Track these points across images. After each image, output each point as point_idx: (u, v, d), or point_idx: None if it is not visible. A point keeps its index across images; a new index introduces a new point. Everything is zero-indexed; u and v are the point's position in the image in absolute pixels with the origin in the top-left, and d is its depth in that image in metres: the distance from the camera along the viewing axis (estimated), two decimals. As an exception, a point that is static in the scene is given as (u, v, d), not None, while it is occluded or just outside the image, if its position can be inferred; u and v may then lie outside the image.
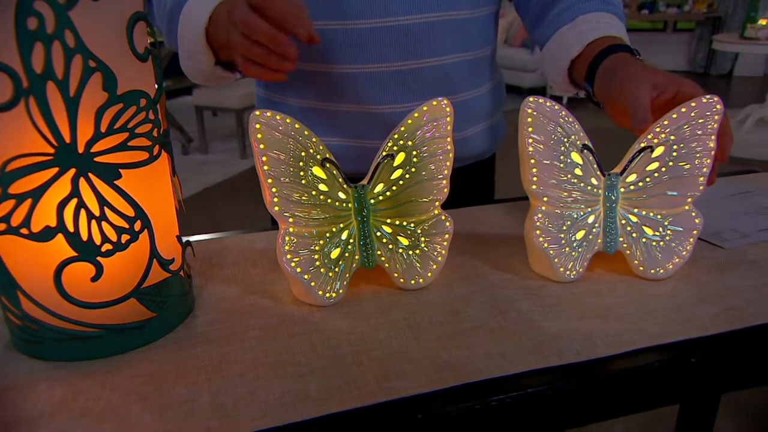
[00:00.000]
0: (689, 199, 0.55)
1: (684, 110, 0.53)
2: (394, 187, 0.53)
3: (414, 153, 0.53)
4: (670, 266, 0.55)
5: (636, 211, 0.55)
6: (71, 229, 0.41)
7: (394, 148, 0.52)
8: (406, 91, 0.72)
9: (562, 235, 0.54)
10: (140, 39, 0.43)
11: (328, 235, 0.52)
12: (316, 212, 0.51)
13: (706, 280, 0.55)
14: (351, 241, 0.53)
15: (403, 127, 0.52)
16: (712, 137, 0.53)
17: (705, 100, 0.53)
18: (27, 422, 0.38)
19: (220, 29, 0.61)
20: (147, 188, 0.45)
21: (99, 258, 0.42)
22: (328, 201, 0.51)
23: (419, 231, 0.54)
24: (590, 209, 0.55)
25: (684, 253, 0.55)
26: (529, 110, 0.52)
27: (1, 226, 0.39)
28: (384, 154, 0.52)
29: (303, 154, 0.49)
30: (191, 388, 0.41)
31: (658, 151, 0.54)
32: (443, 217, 0.55)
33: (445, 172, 0.54)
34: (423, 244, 0.54)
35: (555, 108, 0.52)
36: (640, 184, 0.55)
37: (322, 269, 0.51)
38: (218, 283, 0.57)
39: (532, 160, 0.53)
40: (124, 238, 0.43)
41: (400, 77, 0.71)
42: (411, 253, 0.54)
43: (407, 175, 0.53)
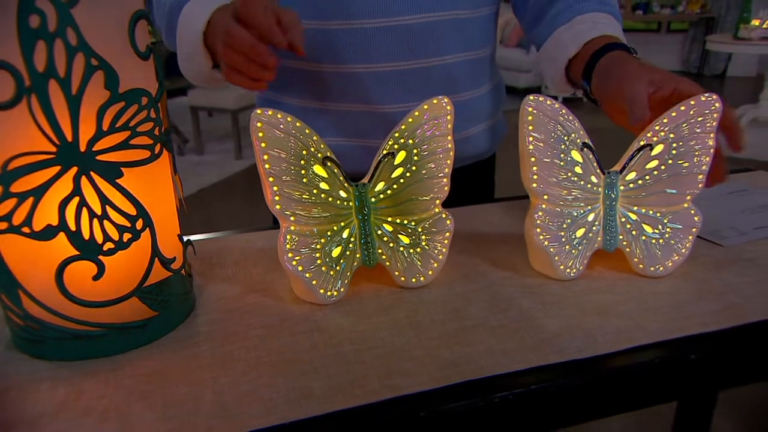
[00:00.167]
0: (688, 197, 0.55)
1: (683, 108, 0.53)
2: (395, 186, 0.53)
3: (415, 151, 0.53)
4: (670, 264, 0.55)
5: (635, 209, 0.56)
6: (73, 227, 0.41)
7: (395, 147, 0.53)
8: (408, 91, 0.72)
9: (563, 233, 0.54)
10: (142, 37, 0.43)
11: (329, 233, 0.52)
12: (317, 211, 0.51)
13: (705, 278, 0.55)
14: (352, 240, 0.53)
15: (404, 126, 0.52)
16: (711, 135, 0.54)
17: (704, 99, 0.53)
18: (29, 422, 0.38)
19: (216, 35, 0.61)
20: (148, 187, 0.45)
21: (101, 257, 0.42)
22: (329, 199, 0.51)
23: (420, 229, 0.54)
24: (590, 207, 0.55)
25: (683, 250, 0.55)
26: (529, 108, 0.52)
27: (2, 225, 0.39)
28: (385, 152, 0.52)
29: (304, 152, 0.49)
30: (194, 386, 0.41)
31: (658, 149, 0.54)
32: (444, 216, 0.55)
33: (446, 171, 0.54)
34: (424, 243, 0.54)
35: (555, 106, 0.53)
36: (640, 182, 0.55)
37: (324, 268, 0.51)
38: (219, 282, 0.57)
39: (532, 159, 0.53)
40: (126, 236, 0.43)
41: (403, 77, 0.71)
42: (412, 251, 0.54)
43: (408, 174, 0.53)
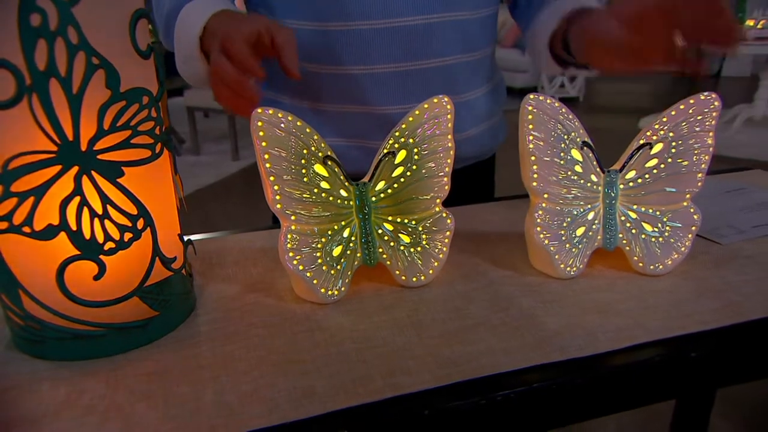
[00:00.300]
0: (687, 196, 0.55)
1: (682, 107, 0.54)
2: (396, 185, 0.53)
3: (415, 150, 0.53)
4: (669, 262, 0.55)
5: (635, 207, 0.56)
6: (74, 227, 0.40)
7: (396, 146, 0.53)
8: (408, 92, 0.72)
9: (563, 232, 0.54)
10: (142, 36, 0.42)
11: (329, 232, 0.52)
12: (317, 210, 0.51)
13: (704, 276, 0.55)
14: (353, 239, 0.53)
15: (404, 125, 0.52)
16: (710, 134, 0.54)
17: (703, 98, 0.53)
18: (31, 421, 0.38)
19: (211, 46, 0.61)
20: (149, 186, 0.45)
21: (102, 256, 0.42)
22: (330, 199, 0.51)
23: (420, 228, 0.54)
24: (590, 206, 0.55)
25: (683, 248, 0.55)
26: (529, 107, 0.52)
27: (2, 225, 0.39)
28: (385, 151, 0.52)
29: (305, 151, 0.49)
30: (195, 386, 0.41)
31: (657, 148, 0.54)
32: (444, 215, 0.55)
33: (446, 170, 0.54)
34: (424, 242, 0.54)
35: (555, 105, 0.53)
36: (639, 181, 0.55)
37: (324, 267, 0.51)
38: (219, 282, 0.57)
39: (532, 157, 0.53)
40: (127, 236, 0.43)
41: (403, 78, 0.71)
42: (412, 250, 0.54)
43: (408, 173, 0.53)
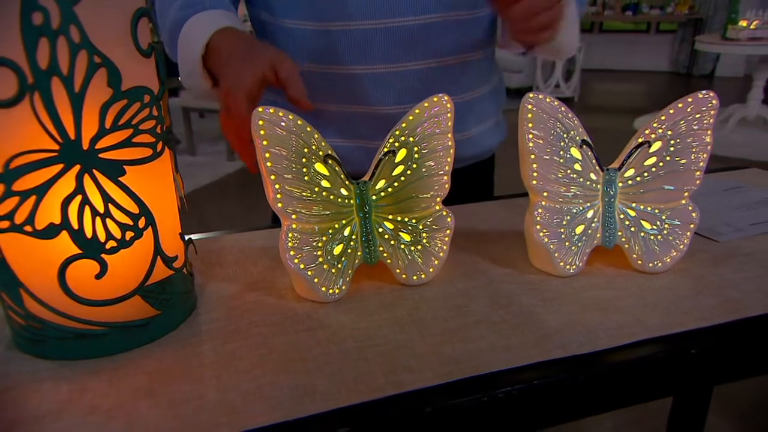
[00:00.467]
0: (686, 194, 0.56)
1: (681, 106, 0.54)
2: (396, 184, 0.53)
3: (415, 149, 0.53)
4: (668, 259, 0.56)
5: (634, 205, 0.56)
6: (76, 226, 0.40)
7: (396, 145, 0.53)
8: (407, 92, 0.72)
9: (562, 230, 0.55)
10: (144, 35, 0.42)
11: (330, 231, 0.52)
12: (318, 209, 0.51)
13: (702, 273, 0.56)
14: (353, 238, 0.53)
15: (405, 123, 0.53)
16: (708, 132, 0.54)
17: (701, 96, 0.54)
18: (33, 420, 0.38)
19: (217, 64, 0.62)
20: (150, 185, 0.45)
21: (103, 255, 0.42)
22: (331, 197, 0.51)
23: (421, 227, 0.54)
24: (589, 204, 0.55)
25: (681, 246, 0.56)
26: (529, 106, 0.53)
27: (4, 224, 0.39)
28: (385, 150, 0.53)
29: (305, 150, 0.49)
30: (198, 384, 0.41)
31: (656, 146, 0.55)
32: (444, 213, 0.55)
33: (446, 168, 0.54)
34: (425, 240, 0.55)
35: (554, 104, 0.53)
36: (638, 179, 0.56)
37: (325, 266, 0.51)
38: (219, 281, 0.57)
39: (532, 156, 0.53)
40: (129, 235, 0.43)
41: (402, 78, 0.71)
42: (413, 248, 0.54)
43: (409, 171, 0.53)
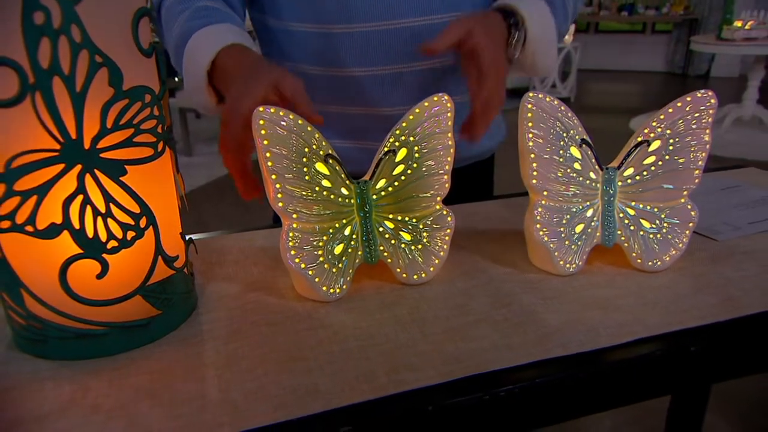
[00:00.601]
0: (685, 192, 0.56)
1: (679, 105, 0.54)
2: (396, 183, 0.53)
3: (416, 148, 0.53)
4: (667, 258, 0.56)
5: (633, 204, 0.56)
6: (77, 226, 0.40)
7: (396, 144, 0.53)
8: (409, 93, 0.72)
9: (562, 229, 0.55)
10: (145, 34, 0.42)
11: (331, 231, 0.52)
12: (318, 208, 0.51)
13: (701, 272, 0.56)
14: (354, 237, 0.53)
15: (405, 123, 0.53)
16: (707, 131, 0.55)
17: (699, 95, 0.54)
18: (35, 420, 0.38)
19: (222, 84, 0.61)
20: (151, 185, 0.45)
21: (104, 255, 0.42)
22: (331, 197, 0.51)
23: (421, 226, 0.55)
24: (589, 203, 0.56)
25: (680, 245, 0.56)
26: (529, 105, 0.53)
27: (5, 224, 0.39)
28: (386, 149, 0.53)
29: (306, 150, 0.49)
30: (200, 384, 0.41)
31: (655, 145, 0.55)
32: (444, 212, 0.55)
33: (446, 167, 0.54)
34: (425, 239, 0.55)
35: (554, 103, 0.53)
36: (638, 178, 0.56)
37: (326, 265, 0.51)
38: (220, 281, 0.57)
39: (532, 155, 0.53)
40: (130, 234, 0.43)
41: (404, 79, 0.71)
42: (413, 248, 0.54)
43: (409, 171, 0.53)
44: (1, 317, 0.48)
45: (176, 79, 3.57)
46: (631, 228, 0.56)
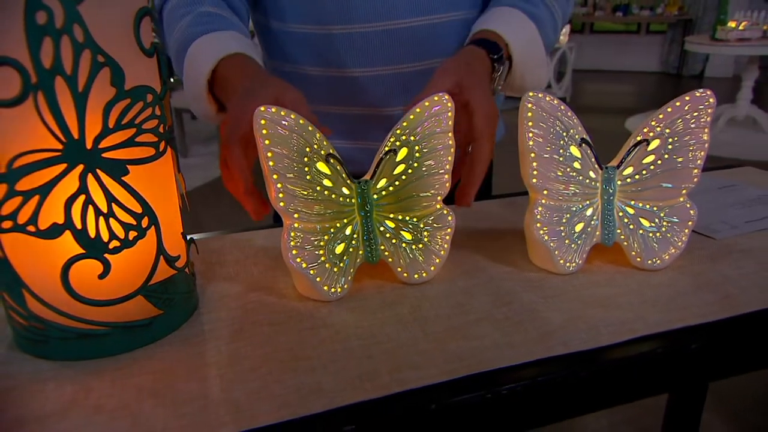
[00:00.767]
0: (684, 191, 0.56)
1: (678, 104, 0.54)
2: (397, 182, 0.53)
3: (416, 148, 0.53)
4: (667, 257, 0.56)
5: (633, 203, 0.57)
6: (79, 225, 0.40)
7: (397, 144, 0.53)
8: (409, 93, 0.72)
9: (562, 228, 0.55)
10: (147, 34, 0.42)
11: (332, 230, 0.52)
12: (319, 208, 0.51)
13: (700, 270, 0.56)
14: (355, 236, 0.53)
15: (405, 123, 0.53)
16: (705, 130, 0.55)
17: (698, 95, 0.54)
18: (37, 420, 0.38)
19: (222, 95, 0.60)
20: (153, 184, 0.44)
21: (106, 255, 0.42)
22: (332, 196, 0.51)
23: (422, 225, 0.55)
24: (588, 202, 0.56)
25: (680, 243, 0.56)
26: (528, 105, 0.53)
27: (7, 224, 0.39)
28: (386, 149, 0.53)
29: (307, 149, 0.50)
30: (203, 383, 0.41)
31: (654, 144, 0.55)
32: (445, 212, 0.55)
33: (447, 167, 0.55)
34: (426, 239, 0.55)
35: (554, 103, 0.53)
36: (637, 177, 0.56)
37: (327, 265, 0.51)
38: (221, 281, 0.57)
39: (532, 154, 0.54)
40: (132, 234, 0.43)
41: (404, 79, 0.72)
42: (414, 247, 0.55)
43: (410, 170, 0.53)
44: (2, 317, 0.48)
45: (172, 80, 3.56)
46: (631, 227, 0.56)
